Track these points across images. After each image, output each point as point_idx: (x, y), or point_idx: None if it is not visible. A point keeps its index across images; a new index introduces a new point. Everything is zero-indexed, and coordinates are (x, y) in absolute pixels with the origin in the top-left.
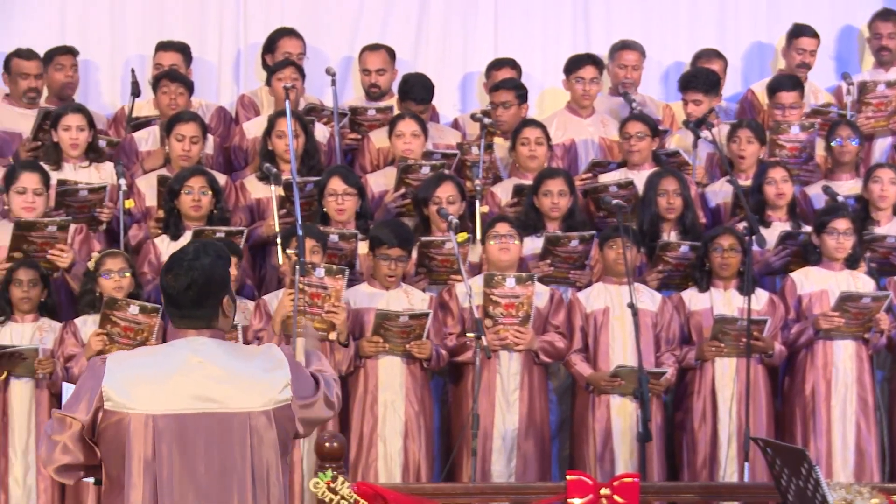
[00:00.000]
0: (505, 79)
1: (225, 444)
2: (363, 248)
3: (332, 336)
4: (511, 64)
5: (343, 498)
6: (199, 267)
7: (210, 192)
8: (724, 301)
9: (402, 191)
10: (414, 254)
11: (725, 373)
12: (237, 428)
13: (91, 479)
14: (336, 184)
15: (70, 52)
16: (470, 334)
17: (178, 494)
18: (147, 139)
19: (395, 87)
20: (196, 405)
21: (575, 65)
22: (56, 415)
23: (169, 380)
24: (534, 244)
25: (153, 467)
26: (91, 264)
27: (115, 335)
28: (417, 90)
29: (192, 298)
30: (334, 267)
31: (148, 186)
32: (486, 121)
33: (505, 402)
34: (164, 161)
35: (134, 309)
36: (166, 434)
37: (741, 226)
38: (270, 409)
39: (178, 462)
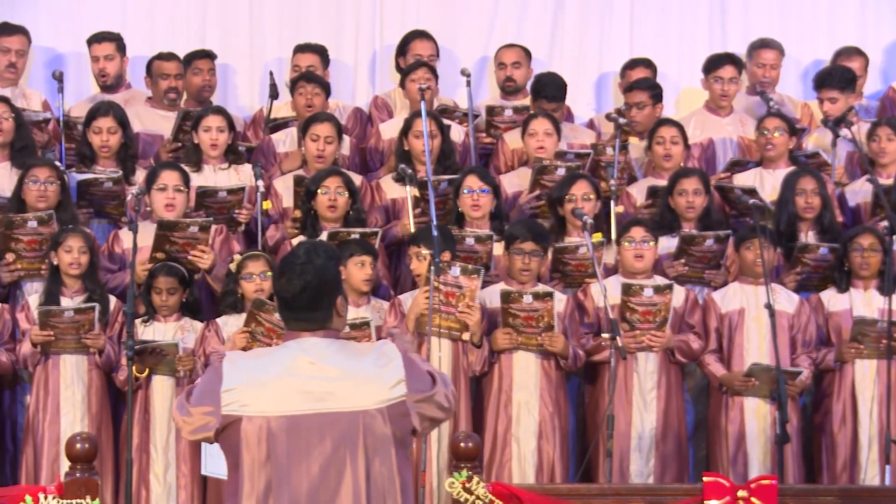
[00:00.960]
0: (639, 79)
1: (338, 443)
2: (498, 249)
3: (465, 336)
4: (646, 63)
5: (478, 498)
6: (312, 269)
7: (346, 193)
8: (864, 302)
9: (537, 192)
10: (549, 258)
11: (866, 374)
12: (350, 427)
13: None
14: (472, 181)
15: (208, 55)
16: (605, 335)
17: (292, 495)
18: (284, 141)
19: (528, 88)
20: (309, 406)
21: (714, 64)
22: (186, 406)
23: (281, 381)
24: (669, 243)
25: (267, 468)
26: (233, 266)
27: (258, 334)
28: (550, 88)
29: (306, 301)
30: (470, 266)
31: (285, 188)
32: (622, 121)
33: (642, 402)
34: (301, 162)
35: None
36: (280, 435)
37: (882, 225)
38: (384, 406)
39: (291, 463)
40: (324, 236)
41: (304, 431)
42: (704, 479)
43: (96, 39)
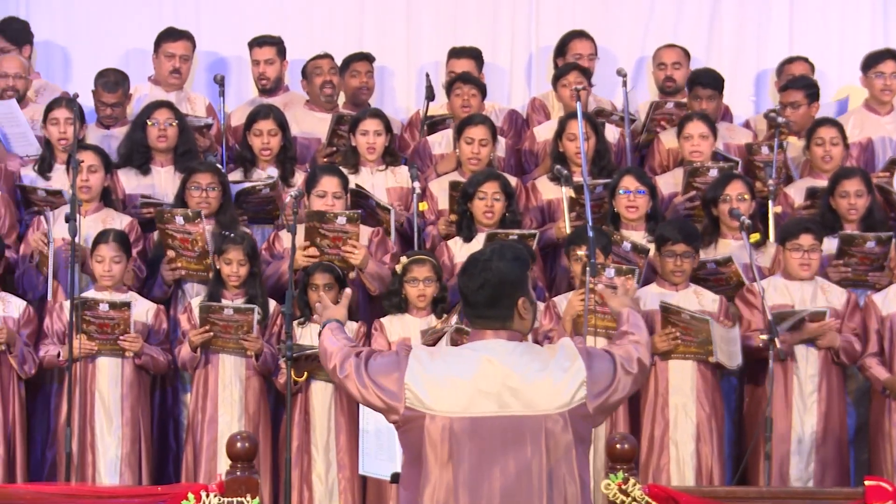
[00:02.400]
0: (795, 77)
1: (520, 447)
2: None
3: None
4: (804, 61)
5: (634, 500)
6: (494, 268)
7: (503, 198)
8: None
9: (692, 193)
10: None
11: None
12: (532, 431)
13: (387, 477)
14: (629, 182)
15: (366, 58)
16: (763, 336)
17: (473, 497)
18: (440, 142)
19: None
20: (492, 408)
21: (874, 60)
22: (364, 374)
23: (466, 382)
24: (829, 244)
25: (449, 469)
26: (399, 268)
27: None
28: (705, 77)
29: (484, 298)
30: (624, 267)
31: (440, 189)
32: (780, 120)
33: (802, 405)
34: (457, 164)
35: (455, 318)
36: (463, 437)
37: None
38: (566, 410)
39: (473, 465)
40: (481, 238)
41: (486, 434)
42: (866, 482)
43: (257, 43)
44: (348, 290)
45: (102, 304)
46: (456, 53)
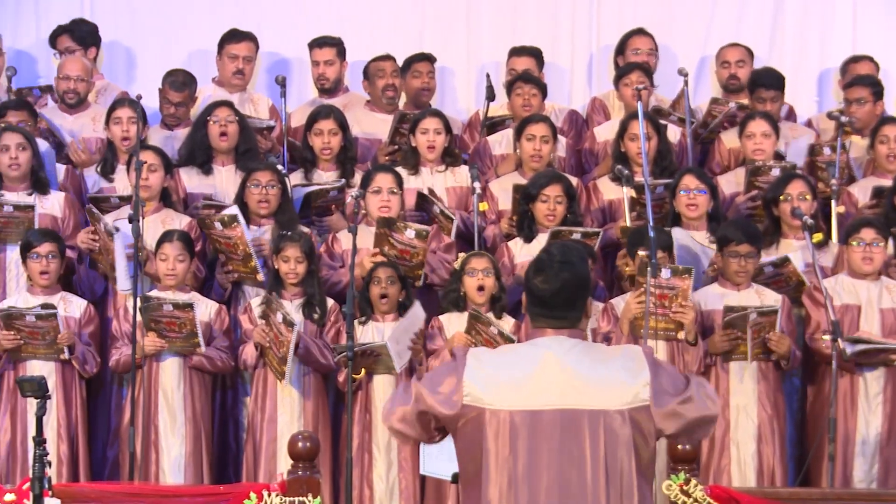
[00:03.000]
0: (860, 75)
1: (579, 441)
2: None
3: (681, 335)
4: (868, 60)
5: (696, 501)
6: (570, 269)
7: (565, 201)
8: None
9: (754, 193)
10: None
11: None
12: (591, 425)
13: (448, 477)
14: (689, 181)
15: (427, 58)
16: (825, 336)
17: (533, 491)
18: (500, 142)
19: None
20: (552, 402)
21: None
22: (415, 386)
23: (527, 377)
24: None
25: (509, 463)
26: (457, 264)
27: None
28: (767, 78)
29: (564, 300)
30: (680, 267)
31: (501, 190)
32: (843, 119)
33: (867, 406)
34: (517, 165)
35: (493, 330)
36: (522, 430)
37: None
38: (626, 409)
39: (532, 459)
40: (542, 238)
41: (546, 427)
42: None
43: (317, 44)
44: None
45: (166, 305)
46: (516, 52)
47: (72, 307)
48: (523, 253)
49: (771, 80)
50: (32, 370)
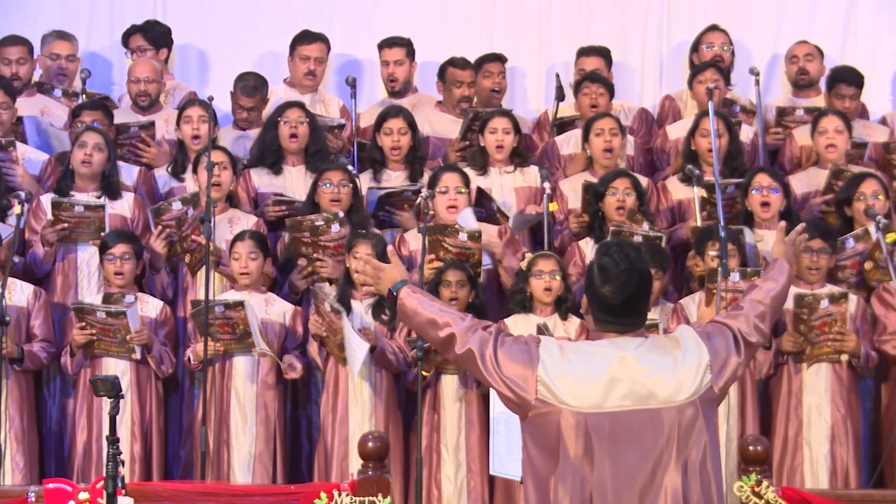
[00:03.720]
0: None
1: (656, 440)
2: None
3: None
4: None
5: (767, 502)
6: (636, 275)
7: (634, 194)
8: None
9: (828, 197)
10: None
11: None
12: (666, 423)
13: (518, 478)
14: (762, 179)
15: (499, 59)
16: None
17: (610, 492)
18: (568, 142)
19: (821, 85)
20: (625, 403)
21: None
22: (492, 355)
23: (598, 377)
24: None
25: (584, 464)
26: (524, 264)
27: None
28: (847, 74)
29: (633, 308)
30: (749, 270)
31: (570, 189)
32: None
33: None
34: (586, 165)
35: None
36: (597, 432)
37: None
38: (696, 398)
39: (608, 460)
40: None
41: (621, 429)
42: None
43: (387, 44)
44: (391, 248)
45: (218, 307)
46: (584, 52)
47: (148, 307)
48: (594, 253)
49: (851, 77)
50: (108, 369)
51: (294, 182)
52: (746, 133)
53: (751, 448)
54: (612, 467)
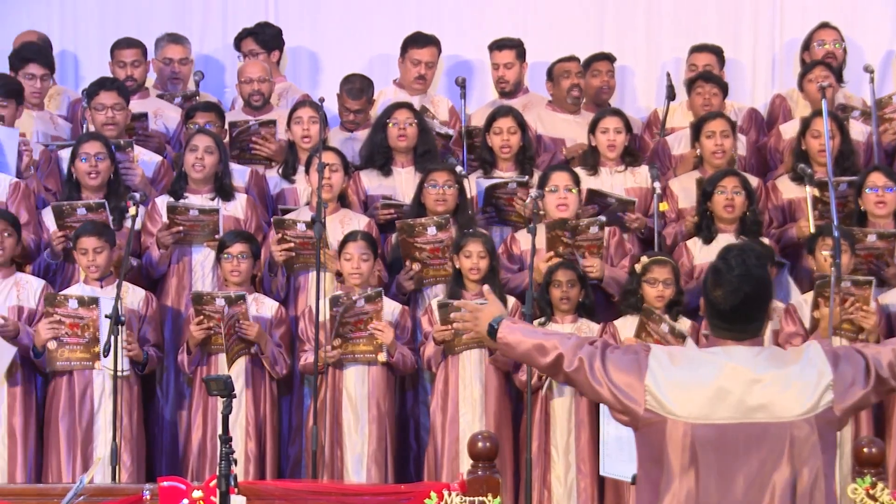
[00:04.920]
0: None
1: (764, 455)
2: None
3: (861, 337)
4: None
5: None
6: (750, 282)
7: (743, 193)
8: None
9: None
10: None
11: None
12: (777, 439)
13: (629, 479)
14: (876, 178)
15: (607, 58)
16: None
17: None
18: (679, 142)
19: None
20: (735, 415)
21: None
22: (599, 369)
23: (708, 388)
24: None
25: (690, 477)
26: (638, 267)
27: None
28: None
29: (744, 315)
30: (861, 278)
31: (681, 189)
32: None
33: None
34: (695, 164)
35: (664, 327)
36: (705, 444)
37: None
38: (812, 416)
39: (715, 473)
40: (721, 239)
41: (730, 442)
42: None
43: (497, 46)
44: (487, 287)
45: (359, 301)
46: (696, 49)
47: (263, 308)
48: (702, 254)
49: None
50: (223, 368)
51: (403, 183)
52: (862, 132)
53: (865, 450)
54: (717, 482)
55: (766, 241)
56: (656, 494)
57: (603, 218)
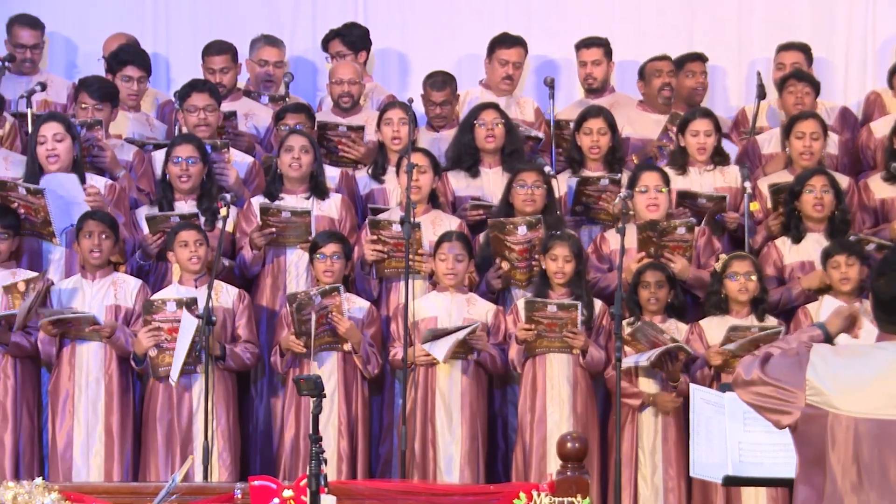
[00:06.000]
0: None
1: None
2: None
3: None
4: None
5: None
6: None
7: (831, 192)
8: None
9: None
10: None
11: None
12: None
13: (719, 480)
14: None
15: (700, 58)
16: None
17: (878, 502)
18: (769, 141)
19: None
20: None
21: None
22: (756, 370)
23: (873, 383)
24: None
25: (852, 472)
26: (718, 266)
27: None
28: None
29: None
30: None
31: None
32: None
33: None
34: (785, 164)
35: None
36: (868, 439)
37: None
38: None
39: (879, 469)
40: (811, 238)
41: (891, 439)
42: None
43: (584, 45)
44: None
45: (551, 306)
46: (784, 48)
47: (354, 308)
48: (792, 254)
49: None
50: (316, 368)
51: (491, 184)
52: None
53: None
54: (880, 478)
55: None
56: (818, 497)
57: (693, 220)
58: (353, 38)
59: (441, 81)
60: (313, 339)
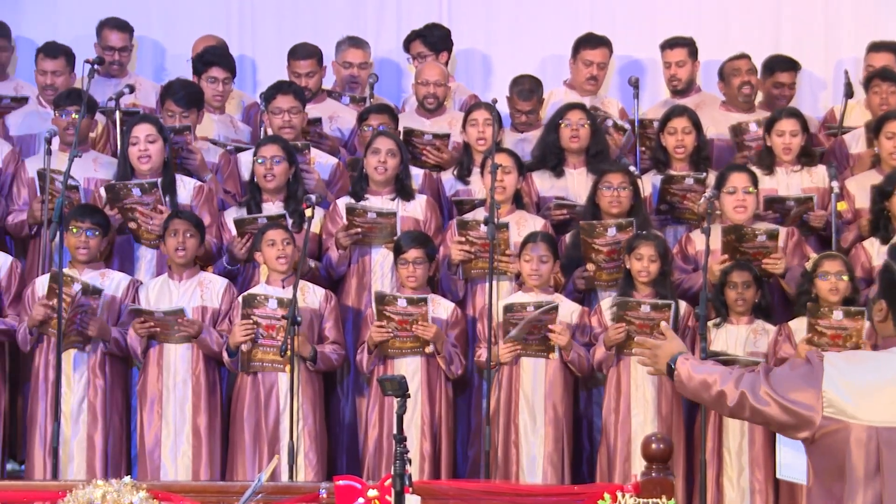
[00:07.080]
0: None
1: None
2: None
3: None
4: None
5: None
6: None
7: None
8: None
9: None
10: None
11: None
12: None
13: (806, 482)
14: None
15: (793, 67)
16: None
17: None
18: (857, 141)
19: None
20: None
21: None
22: (762, 387)
23: (889, 388)
24: None
25: (876, 482)
26: (808, 265)
27: (823, 344)
28: None
29: None
30: None
31: (858, 188)
32: None
33: None
34: (872, 163)
35: (838, 315)
36: (890, 448)
37: None
38: None
39: None
40: None
41: None
42: None
43: (669, 45)
44: (665, 324)
45: (530, 307)
46: (874, 48)
47: (439, 309)
48: (881, 254)
49: None
50: (400, 368)
51: (575, 184)
52: None
53: None
54: None
55: None
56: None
57: (776, 227)
58: (434, 39)
59: (528, 90)
60: (398, 342)
